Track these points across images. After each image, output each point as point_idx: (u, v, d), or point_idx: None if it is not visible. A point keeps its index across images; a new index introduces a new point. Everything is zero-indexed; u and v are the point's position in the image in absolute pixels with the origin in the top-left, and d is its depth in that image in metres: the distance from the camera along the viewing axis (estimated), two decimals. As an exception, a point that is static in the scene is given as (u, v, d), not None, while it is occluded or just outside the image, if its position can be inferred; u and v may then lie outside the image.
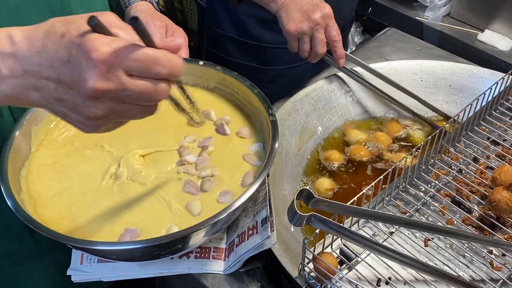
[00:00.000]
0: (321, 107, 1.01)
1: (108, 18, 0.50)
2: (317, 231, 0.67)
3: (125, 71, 0.49)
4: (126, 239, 0.68)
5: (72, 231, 0.68)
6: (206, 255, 0.78)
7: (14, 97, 0.52)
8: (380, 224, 0.81)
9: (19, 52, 0.50)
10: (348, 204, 0.71)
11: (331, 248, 0.76)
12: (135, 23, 0.48)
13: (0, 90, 0.51)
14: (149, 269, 0.77)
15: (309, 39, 0.96)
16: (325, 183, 0.90)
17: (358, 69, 1.03)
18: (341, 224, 0.66)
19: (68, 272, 0.77)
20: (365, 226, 0.81)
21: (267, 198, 0.76)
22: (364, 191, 0.74)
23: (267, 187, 0.78)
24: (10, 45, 0.50)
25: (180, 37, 0.81)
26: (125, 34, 0.50)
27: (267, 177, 0.79)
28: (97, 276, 0.77)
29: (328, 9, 0.95)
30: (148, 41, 0.50)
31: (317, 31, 0.95)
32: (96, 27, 0.48)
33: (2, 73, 0.51)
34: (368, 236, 0.78)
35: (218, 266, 0.77)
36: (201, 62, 0.87)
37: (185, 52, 0.84)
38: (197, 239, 0.70)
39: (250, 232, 0.75)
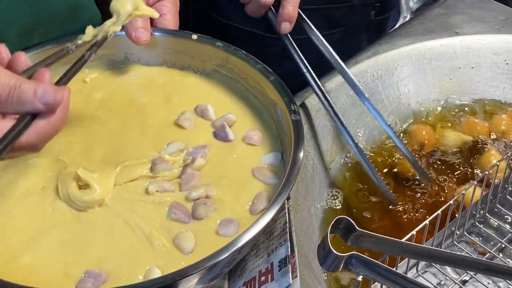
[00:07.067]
0: (363, 101, 1.02)
1: None
2: (360, 278, 0.66)
3: None
4: (87, 286, 0.67)
5: (8, 274, 0.67)
6: (199, 311, 0.78)
7: None
8: (448, 269, 0.81)
9: None
10: (405, 240, 0.70)
11: (379, 303, 0.76)
12: None
13: None
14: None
15: None
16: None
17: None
18: (395, 269, 0.65)
19: None
20: (426, 271, 0.81)
21: (288, 230, 0.75)
22: (426, 222, 0.74)
23: (287, 215, 0.77)
24: None
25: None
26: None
27: (287, 200, 0.79)
28: None
29: None
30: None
31: None
32: None
33: None
34: (432, 287, 0.77)
35: (214, 327, 0.77)
36: (194, 36, 0.87)
37: (173, 24, 0.86)
38: (188, 288, 0.71)
39: (263, 278, 0.74)
